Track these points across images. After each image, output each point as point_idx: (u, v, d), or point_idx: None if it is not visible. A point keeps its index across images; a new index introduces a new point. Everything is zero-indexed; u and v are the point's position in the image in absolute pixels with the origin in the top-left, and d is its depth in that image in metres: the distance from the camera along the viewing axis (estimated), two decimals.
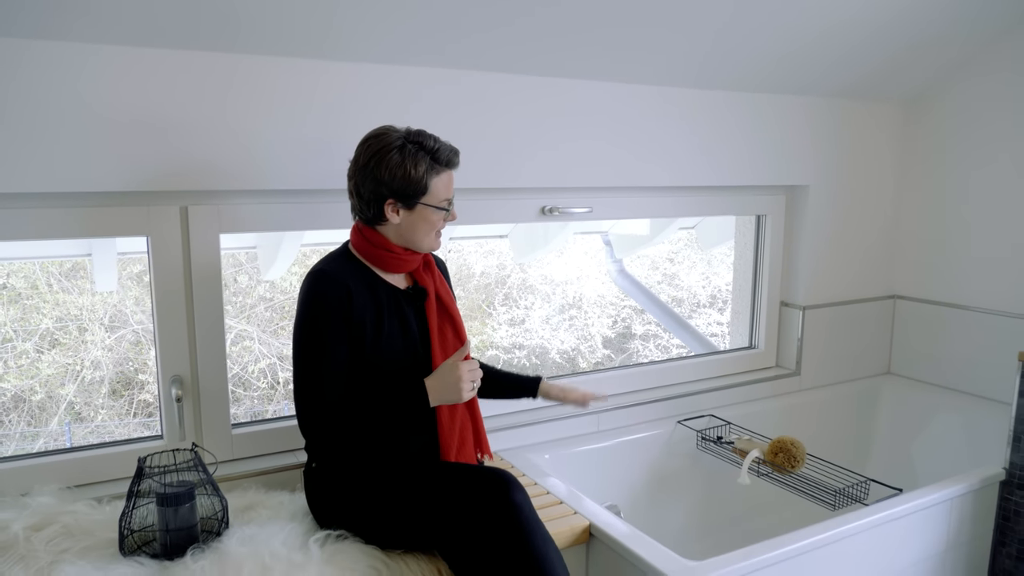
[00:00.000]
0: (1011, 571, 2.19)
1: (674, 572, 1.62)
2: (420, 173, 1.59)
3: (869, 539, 1.92)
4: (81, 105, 1.63)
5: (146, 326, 7.47)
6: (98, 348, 7.38)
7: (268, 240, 3.06)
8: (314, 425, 1.61)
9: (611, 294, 10.76)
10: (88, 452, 1.83)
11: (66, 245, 2.84)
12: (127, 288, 7.66)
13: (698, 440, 2.49)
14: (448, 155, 1.64)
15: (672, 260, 11.57)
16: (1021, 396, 2.14)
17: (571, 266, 10.12)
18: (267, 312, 8.75)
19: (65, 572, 1.41)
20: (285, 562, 1.49)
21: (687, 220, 4.00)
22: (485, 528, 1.50)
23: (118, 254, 2.79)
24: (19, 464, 1.77)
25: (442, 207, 1.65)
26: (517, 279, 9.96)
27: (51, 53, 1.59)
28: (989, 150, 2.70)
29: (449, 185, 1.66)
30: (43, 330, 7.85)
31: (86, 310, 7.48)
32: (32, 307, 7.87)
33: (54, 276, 7.58)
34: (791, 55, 2.39)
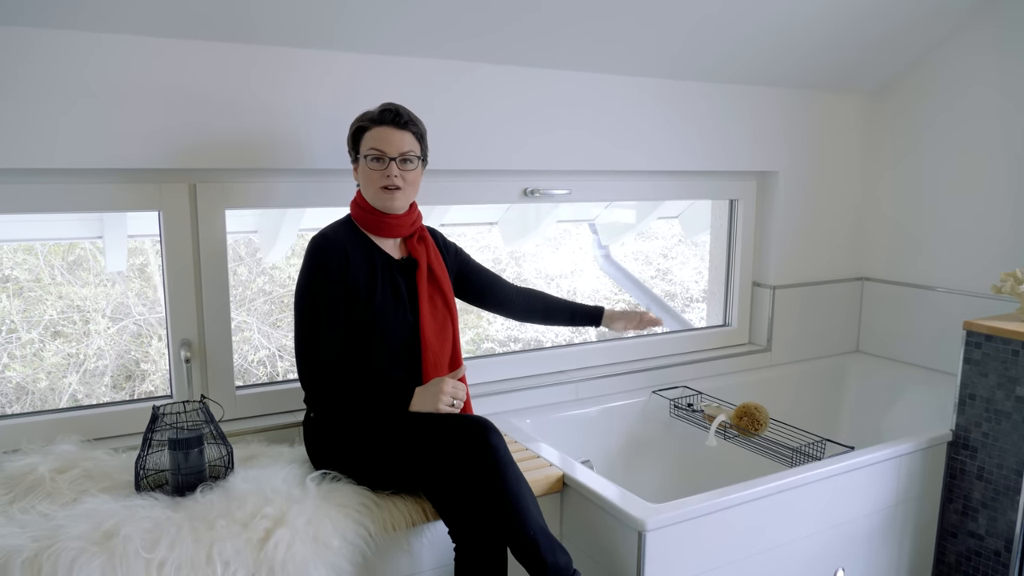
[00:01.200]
0: (958, 525, 2.36)
1: (638, 513, 1.79)
2: (352, 131, 1.85)
3: (823, 490, 2.09)
4: (107, 89, 1.80)
5: (147, 318, 7.63)
6: (101, 337, 7.54)
7: (268, 224, 3.23)
8: (311, 379, 1.78)
9: (605, 288, 10.91)
10: (106, 408, 2.00)
11: (78, 227, 3.00)
12: (129, 280, 7.81)
13: (671, 408, 2.66)
14: (379, 113, 1.82)
15: (666, 256, 11.74)
16: (966, 363, 2.31)
17: (565, 261, 10.28)
18: (266, 305, 8.90)
19: (87, 503, 1.58)
20: (285, 496, 1.66)
21: (670, 209, 4.18)
22: (463, 468, 1.67)
23: (128, 236, 2.96)
24: (43, 418, 1.93)
25: (372, 156, 1.80)
26: (512, 274, 10.11)
27: (106, 42, 1.75)
28: (951, 139, 2.87)
29: (381, 139, 1.81)
30: (47, 320, 8.00)
31: (89, 300, 7.65)
32: (36, 299, 8.04)
33: (57, 268, 7.74)
34: (763, 49, 2.56)
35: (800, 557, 2.08)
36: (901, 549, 2.33)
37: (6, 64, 1.70)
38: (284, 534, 1.58)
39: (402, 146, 1.81)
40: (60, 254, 7.74)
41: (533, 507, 1.69)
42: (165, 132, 1.89)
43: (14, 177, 1.82)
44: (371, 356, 1.83)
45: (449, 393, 1.78)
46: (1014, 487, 2.21)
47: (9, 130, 1.73)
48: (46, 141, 1.77)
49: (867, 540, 2.23)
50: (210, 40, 1.89)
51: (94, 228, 3.02)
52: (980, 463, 2.29)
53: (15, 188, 1.82)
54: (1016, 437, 2.20)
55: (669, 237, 10.83)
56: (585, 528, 1.94)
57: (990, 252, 2.75)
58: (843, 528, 2.16)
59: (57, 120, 1.77)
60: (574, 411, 2.54)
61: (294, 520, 1.60)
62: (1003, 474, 2.24)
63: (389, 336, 1.84)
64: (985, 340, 2.25)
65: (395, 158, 1.80)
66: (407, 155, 1.82)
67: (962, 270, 2.87)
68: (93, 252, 7.83)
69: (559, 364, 2.65)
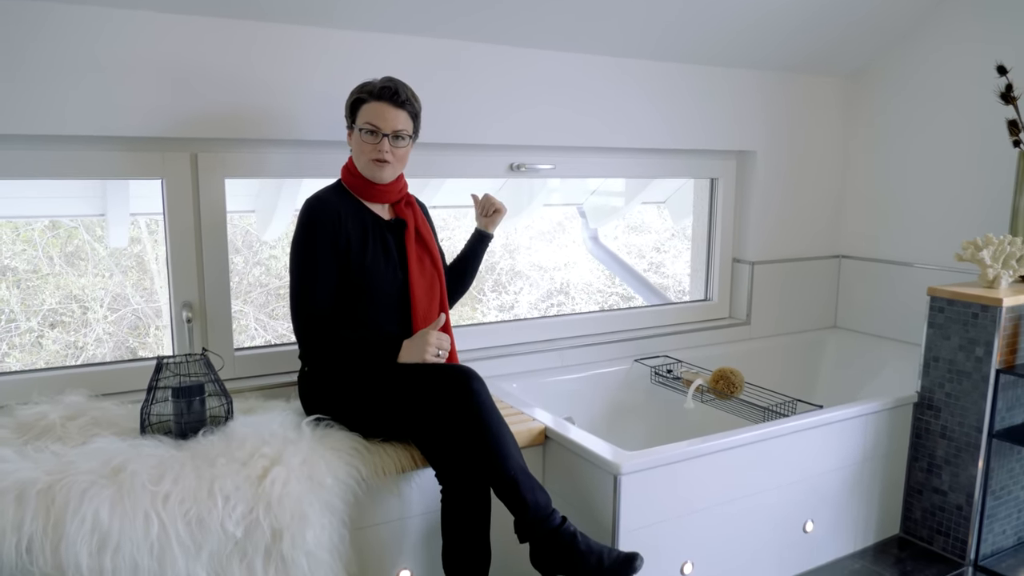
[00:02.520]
0: (923, 482, 2.48)
1: (614, 458, 1.91)
2: (350, 101, 1.94)
3: (792, 445, 2.21)
4: (115, 62, 1.91)
5: (143, 308, 7.73)
6: (100, 325, 7.63)
7: (264, 203, 3.34)
8: (306, 332, 1.89)
9: (598, 281, 11.04)
10: (112, 366, 2.11)
11: (81, 205, 3.11)
12: (127, 273, 7.91)
13: (652, 375, 2.78)
14: (377, 89, 1.92)
15: (658, 249, 11.86)
16: (930, 327, 2.43)
17: (559, 254, 10.39)
18: (262, 296, 9.00)
19: (97, 443, 1.69)
20: (281, 438, 1.77)
21: (656, 194, 4.29)
22: (448, 413, 1.78)
23: (130, 214, 3.06)
24: (52, 374, 2.04)
25: (366, 129, 1.90)
26: (506, 265, 10.23)
27: (115, 17, 1.86)
28: (924, 120, 2.99)
29: (376, 113, 1.90)
30: (46, 310, 8.09)
31: (88, 289, 7.75)
32: (35, 288, 8.14)
33: (56, 259, 7.83)
34: (742, 32, 2.67)
35: (771, 508, 2.19)
36: (869, 505, 2.44)
37: (21, 36, 1.81)
38: (280, 472, 1.69)
39: (396, 124, 1.92)
40: (58, 245, 7.84)
41: (514, 449, 1.80)
42: (169, 103, 2.00)
43: (27, 144, 1.92)
44: (363, 311, 1.94)
45: (434, 344, 1.89)
46: (974, 443, 2.33)
47: (22, 98, 1.84)
48: (56, 109, 1.88)
49: (836, 495, 2.35)
50: (215, 16, 2.00)
51: (96, 206, 3.13)
52: (943, 422, 2.41)
53: (28, 154, 1.93)
54: (976, 396, 2.31)
55: (662, 231, 10.96)
56: (565, 476, 2.06)
57: (962, 228, 2.87)
58: (812, 482, 2.27)
59: (67, 90, 1.88)
60: (559, 377, 2.65)
61: (290, 459, 1.72)
62: (964, 431, 2.35)
63: (380, 292, 1.95)
64: (947, 304, 2.37)
65: (388, 134, 1.92)
66: (400, 133, 1.93)
67: (936, 246, 2.98)
68: (91, 243, 7.92)
69: (546, 333, 2.76)
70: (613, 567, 1.74)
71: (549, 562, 1.77)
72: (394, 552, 1.95)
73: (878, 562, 2.38)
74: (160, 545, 1.56)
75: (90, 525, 1.51)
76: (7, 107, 1.83)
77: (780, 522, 2.23)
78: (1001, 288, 2.34)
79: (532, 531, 1.77)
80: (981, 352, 2.29)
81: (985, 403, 2.29)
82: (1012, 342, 2.30)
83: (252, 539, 1.65)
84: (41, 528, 1.49)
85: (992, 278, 2.35)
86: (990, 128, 2.75)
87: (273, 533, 1.66)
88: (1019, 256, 2.35)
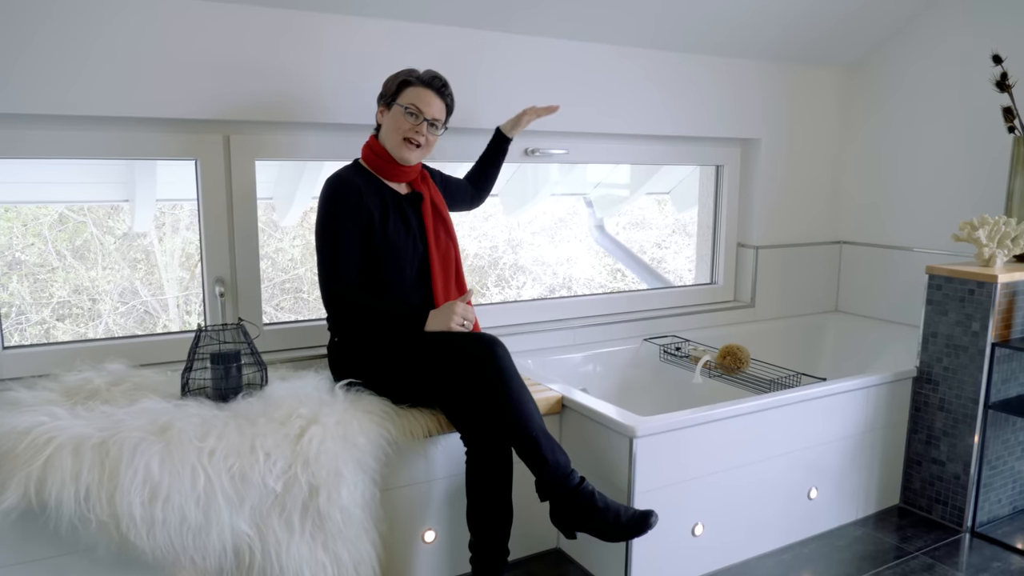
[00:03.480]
0: (922, 453, 2.59)
1: (630, 422, 2.01)
2: (397, 81, 2.04)
3: (796, 414, 2.31)
4: (154, 47, 2.01)
5: (151, 303, 7.82)
6: (110, 316, 7.73)
7: (283, 191, 3.44)
8: (335, 303, 1.99)
9: (600, 277, 11.15)
10: (149, 338, 2.21)
11: (108, 190, 3.21)
12: (136, 268, 8.01)
13: (661, 353, 2.88)
14: (426, 75, 2.04)
15: (659, 245, 11.98)
16: (928, 304, 2.53)
17: (561, 249, 10.50)
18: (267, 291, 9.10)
19: (143, 403, 1.79)
20: (316, 400, 1.87)
21: (661, 184, 4.39)
22: (473, 377, 1.88)
23: (156, 200, 3.16)
24: (93, 345, 2.14)
25: (409, 110, 2.01)
26: (509, 260, 10.34)
27: (157, 4, 1.96)
28: (922, 109, 3.10)
29: (421, 98, 2.02)
30: (55, 303, 8.18)
31: (98, 282, 7.85)
32: (43, 281, 8.24)
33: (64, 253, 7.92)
34: (743, 23, 2.77)
35: (777, 474, 2.30)
36: (871, 474, 2.54)
37: (65, 21, 1.91)
38: (317, 431, 1.79)
39: (437, 112, 2.05)
40: (67, 239, 7.95)
41: (535, 411, 1.90)
42: (204, 87, 2.10)
43: (69, 124, 2.02)
44: (386, 281, 2.04)
45: (460, 314, 1.99)
46: (971, 415, 2.43)
47: (65, 79, 1.94)
48: (97, 91, 1.98)
49: (839, 464, 2.45)
50: (252, 4, 2.10)
51: (122, 192, 3.23)
52: (941, 395, 2.51)
53: (71, 134, 2.03)
54: (973, 368, 2.42)
55: (663, 227, 11.07)
56: (581, 442, 2.16)
57: (959, 213, 2.97)
58: (817, 451, 2.38)
59: (109, 73, 1.98)
60: (572, 354, 2.76)
61: (325, 420, 1.82)
62: (961, 403, 2.46)
63: (402, 263, 2.05)
64: (945, 282, 2.48)
65: (428, 119, 2.02)
66: (437, 121, 2.05)
67: (934, 231, 3.09)
68: (99, 237, 8.03)
69: (560, 313, 2.86)
70: (630, 523, 1.84)
71: (569, 519, 1.87)
72: (421, 513, 2.06)
73: (879, 529, 2.48)
74: (206, 497, 1.66)
75: (142, 477, 1.61)
76: (51, 87, 1.93)
77: (786, 488, 2.33)
78: (996, 267, 2.45)
79: (553, 490, 1.87)
80: (977, 327, 2.40)
81: (981, 376, 2.40)
82: (1007, 317, 2.40)
83: (291, 494, 1.75)
84: (97, 479, 1.59)
85: (988, 257, 2.46)
86: (985, 116, 2.86)
87: (310, 489, 1.76)
88: (1014, 236, 2.45)
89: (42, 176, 3.08)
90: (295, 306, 7.64)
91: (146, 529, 1.60)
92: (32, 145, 2.00)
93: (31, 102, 1.92)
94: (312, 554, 1.77)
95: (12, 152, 1.98)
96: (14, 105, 1.90)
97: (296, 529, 1.76)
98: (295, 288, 7.79)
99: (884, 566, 2.26)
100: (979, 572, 2.24)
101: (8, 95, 1.89)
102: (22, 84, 1.90)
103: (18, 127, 1.97)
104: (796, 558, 2.30)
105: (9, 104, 1.89)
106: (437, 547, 2.10)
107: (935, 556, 2.32)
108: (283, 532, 1.75)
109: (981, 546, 2.39)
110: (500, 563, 1.96)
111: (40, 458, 1.58)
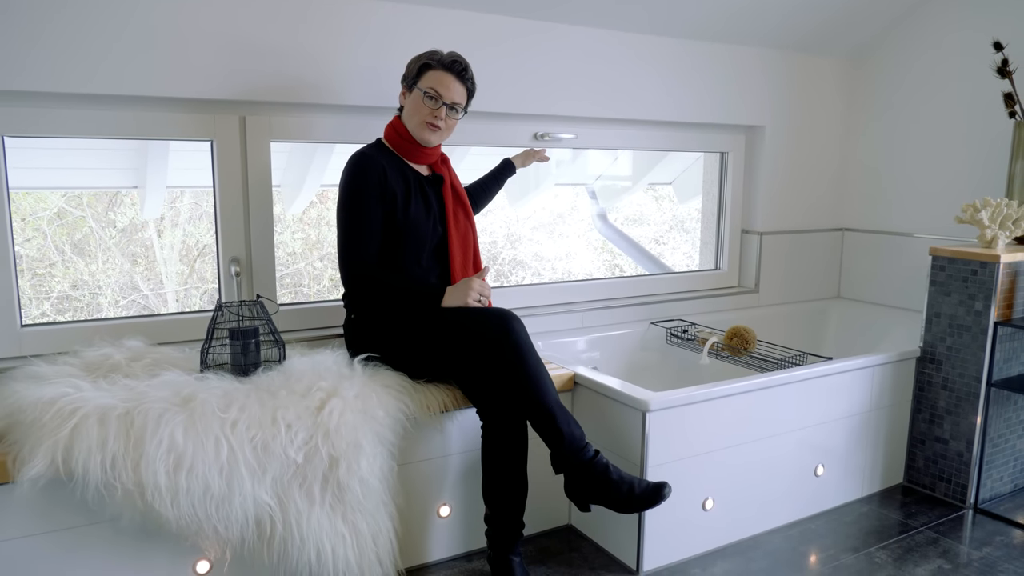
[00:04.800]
0: (925, 432, 2.63)
1: (643, 396, 2.04)
2: (419, 64, 2.05)
3: (803, 392, 2.35)
4: (173, 28, 2.03)
5: (151, 297, 7.83)
6: (111, 309, 7.72)
7: (292, 179, 3.46)
8: (354, 278, 2.02)
9: (599, 272, 11.19)
10: (166, 317, 2.23)
11: (117, 176, 3.23)
12: (136, 262, 8.01)
13: (667, 336, 2.91)
14: (447, 59, 2.05)
15: (658, 241, 12.04)
16: (931, 285, 2.57)
17: (560, 244, 10.54)
18: None
19: (165, 377, 1.81)
20: (336, 374, 1.90)
21: (663, 175, 4.43)
22: (490, 351, 1.91)
23: (167, 187, 3.19)
24: (110, 323, 2.16)
25: (429, 94, 2.03)
26: (508, 255, 10.38)
27: None
28: (922, 97, 3.14)
29: (441, 82, 2.04)
30: (54, 297, 8.17)
31: (99, 275, 7.85)
32: (44, 274, 8.23)
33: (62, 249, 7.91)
34: (744, 9, 2.81)
35: (784, 451, 2.33)
36: (876, 453, 2.58)
37: (86, 2, 1.93)
38: (337, 403, 1.82)
39: (456, 96, 2.07)
40: (66, 234, 7.94)
41: (550, 386, 1.93)
42: (222, 67, 2.12)
43: (87, 103, 2.04)
44: (406, 261, 2.07)
45: (476, 290, 2.02)
46: (974, 393, 2.48)
47: (84, 58, 1.96)
48: (115, 70, 2.00)
49: (845, 442, 2.49)
50: None
51: (131, 178, 3.25)
52: (945, 374, 2.55)
53: (88, 113, 2.05)
54: (975, 347, 2.46)
55: (660, 223, 11.13)
56: (594, 418, 2.19)
57: (960, 199, 3.01)
58: (822, 429, 2.41)
59: (126, 52, 2.00)
60: (580, 337, 2.79)
61: (345, 392, 1.84)
62: (964, 382, 2.50)
63: (422, 243, 2.08)
64: (948, 263, 2.52)
65: (448, 104, 2.05)
66: (456, 105, 2.07)
67: (935, 216, 3.13)
68: (97, 231, 8.03)
69: (568, 296, 2.89)
70: (644, 495, 1.87)
71: (583, 491, 1.90)
72: (436, 487, 2.09)
73: (884, 506, 2.52)
74: (229, 467, 1.68)
75: (167, 446, 1.64)
76: (70, 66, 1.95)
77: (794, 465, 2.37)
78: (999, 247, 2.49)
79: (568, 462, 1.90)
80: (980, 306, 2.44)
81: (984, 354, 2.44)
82: (1009, 296, 2.45)
83: (312, 464, 1.78)
84: (123, 448, 1.62)
85: (990, 238, 2.50)
86: (985, 102, 2.90)
87: (330, 460, 1.79)
88: (1015, 218, 2.50)
89: (49, 162, 3.10)
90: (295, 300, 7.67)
91: (170, 498, 1.62)
92: (50, 124, 2.02)
93: (50, 80, 1.94)
94: (332, 525, 1.80)
95: (31, 130, 2.01)
96: (32, 83, 1.92)
97: (316, 500, 1.78)
98: (295, 283, 7.79)
99: (890, 540, 2.30)
100: (983, 546, 2.28)
101: (27, 73, 1.91)
102: (41, 62, 1.92)
103: (36, 105, 1.99)
104: (804, 533, 2.34)
105: (28, 82, 1.92)
106: (452, 522, 2.13)
107: (939, 531, 2.36)
108: (303, 503, 1.77)
109: (984, 521, 2.43)
110: (515, 536, 1.99)
111: (66, 427, 1.60)
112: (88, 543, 1.69)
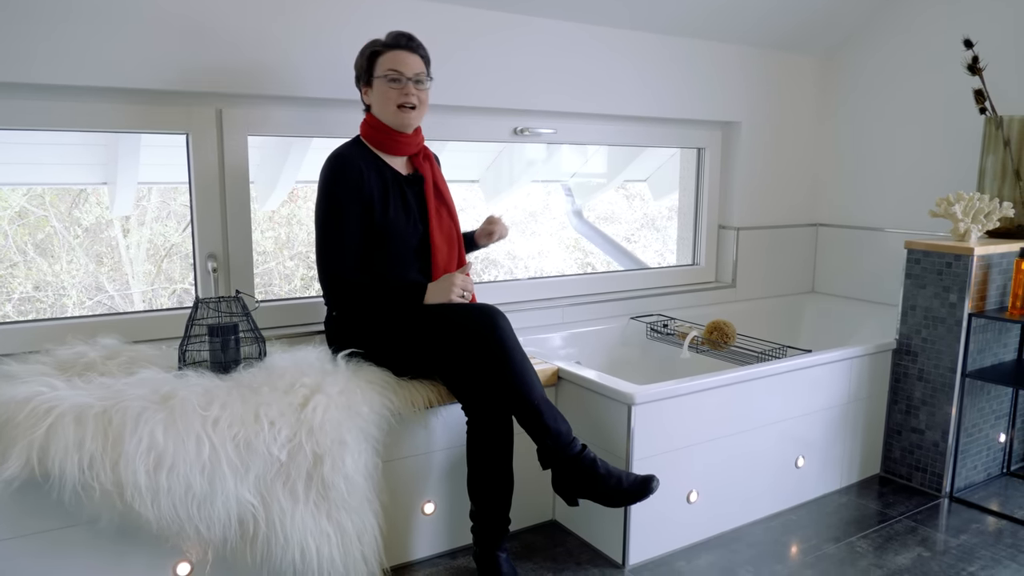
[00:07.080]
0: (901, 423, 2.67)
1: (628, 390, 2.04)
2: (365, 57, 2.03)
3: (783, 384, 2.37)
4: (142, 16, 1.98)
5: (115, 300, 7.66)
6: (75, 310, 7.53)
7: (266, 175, 3.40)
8: (333, 283, 1.98)
9: (572, 271, 11.23)
10: (139, 315, 2.17)
11: (84, 172, 3.14)
12: (101, 262, 7.83)
13: (647, 331, 2.92)
14: (390, 39, 2.03)
15: (629, 240, 12.13)
16: (907, 278, 2.61)
17: (533, 243, 10.55)
18: None
19: (143, 373, 1.76)
20: (319, 370, 1.87)
21: (638, 172, 4.45)
22: (475, 346, 1.89)
23: (138, 183, 3.11)
24: (83, 321, 2.10)
25: (389, 77, 2.00)
26: (481, 254, 10.36)
27: None
28: (894, 95, 3.19)
29: (396, 61, 2.01)
30: (15, 299, 7.96)
31: (63, 275, 7.65)
32: (5, 275, 8.01)
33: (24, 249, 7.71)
34: (722, 7, 2.83)
35: (766, 443, 2.35)
36: (854, 444, 2.62)
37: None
38: (321, 400, 1.79)
39: (416, 67, 2.03)
40: (27, 234, 7.73)
41: (536, 381, 1.92)
42: (196, 57, 2.07)
43: (57, 94, 1.98)
44: (386, 263, 2.03)
45: (460, 286, 2.00)
46: (949, 384, 2.52)
47: (54, 48, 1.90)
48: (87, 59, 1.94)
49: (824, 434, 2.52)
50: None
51: (99, 174, 3.17)
52: (920, 366, 2.59)
53: (56, 104, 1.99)
54: (950, 339, 2.50)
55: (631, 221, 11.20)
56: (580, 411, 2.18)
57: (932, 194, 3.07)
58: (802, 421, 2.44)
59: (97, 41, 1.95)
60: (560, 332, 2.78)
61: (329, 389, 1.81)
62: (939, 373, 2.54)
63: (403, 245, 2.04)
64: (923, 256, 2.56)
65: (411, 78, 2.02)
66: (420, 75, 2.03)
67: (906, 212, 3.18)
68: (61, 232, 7.84)
69: (546, 292, 2.88)
70: (632, 488, 1.87)
71: (571, 486, 1.89)
72: (421, 484, 2.06)
73: (863, 496, 2.56)
74: (211, 465, 1.64)
75: (146, 445, 1.59)
76: (38, 55, 1.89)
77: (775, 457, 2.39)
78: (972, 240, 2.54)
79: (555, 457, 1.89)
80: (955, 298, 2.48)
81: (959, 346, 2.48)
82: (982, 289, 2.49)
83: (295, 462, 1.74)
84: (101, 447, 1.57)
85: (963, 231, 2.55)
86: (956, 99, 2.96)
87: (315, 457, 1.76)
88: (987, 211, 2.55)
89: (14, 156, 3.01)
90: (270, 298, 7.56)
91: (151, 498, 1.58)
92: (18, 115, 1.96)
93: (16, 70, 1.87)
94: (316, 524, 1.77)
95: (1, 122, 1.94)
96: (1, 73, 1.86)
97: (300, 498, 1.75)
98: (265, 283, 7.66)
99: (870, 529, 2.33)
100: (960, 533, 2.32)
101: None
102: (6, 51, 1.85)
103: (3, 97, 1.93)
104: (786, 524, 2.36)
105: None
106: (436, 519, 2.11)
107: (917, 520, 2.40)
108: (287, 501, 1.74)
109: (960, 510, 2.48)
110: (502, 532, 1.97)
111: (42, 427, 1.55)
112: (65, 546, 1.64)
